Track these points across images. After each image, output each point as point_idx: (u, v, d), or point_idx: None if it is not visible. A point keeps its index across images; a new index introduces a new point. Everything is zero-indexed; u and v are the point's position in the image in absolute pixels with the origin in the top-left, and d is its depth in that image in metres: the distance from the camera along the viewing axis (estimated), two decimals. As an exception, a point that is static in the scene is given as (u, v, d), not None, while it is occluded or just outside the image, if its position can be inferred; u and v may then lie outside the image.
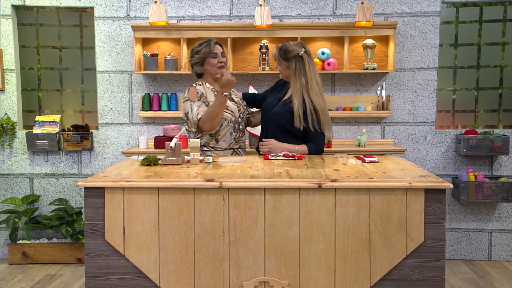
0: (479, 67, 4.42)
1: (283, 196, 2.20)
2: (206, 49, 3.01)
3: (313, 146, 2.99)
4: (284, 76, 3.07)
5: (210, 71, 3.05)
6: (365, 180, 2.19)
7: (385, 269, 2.21)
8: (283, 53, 2.98)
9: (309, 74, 2.96)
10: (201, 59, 3.02)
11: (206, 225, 2.23)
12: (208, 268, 2.24)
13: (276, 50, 3.01)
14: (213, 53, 3.03)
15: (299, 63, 2.96)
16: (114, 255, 2.26)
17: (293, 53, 2.96)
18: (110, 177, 2.28)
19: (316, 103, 2.94)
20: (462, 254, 4.34)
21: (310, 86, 2.95)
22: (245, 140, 3.22)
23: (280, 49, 3.00)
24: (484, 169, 4.31)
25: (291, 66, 2.97)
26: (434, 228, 2.19)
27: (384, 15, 4.27)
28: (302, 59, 2.96)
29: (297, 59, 2.96)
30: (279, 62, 3.02)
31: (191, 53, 3.09)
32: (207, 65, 3.03)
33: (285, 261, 2.22)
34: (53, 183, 4.46)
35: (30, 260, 4.22)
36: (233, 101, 3.11)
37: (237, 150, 3.10)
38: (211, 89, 3.06)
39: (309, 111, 2.92)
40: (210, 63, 3.03)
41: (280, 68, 3.04)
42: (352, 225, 2.20)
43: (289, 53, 2.97)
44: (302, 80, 2.95)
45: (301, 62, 2.96)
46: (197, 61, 3.03)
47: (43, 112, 4.61)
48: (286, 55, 2.97)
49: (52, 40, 4.56)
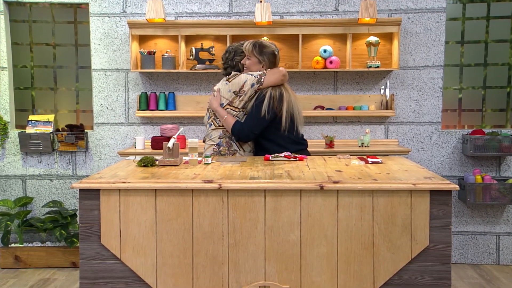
0: (486, 65, 4.43)
1: (284, 198, 2.20)
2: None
3: (238, 124, 3.05)
4: (250, 71, 3.17)
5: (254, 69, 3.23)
6: (369, 182, 2.20)
7: (389, 273, 2.21)
8: (258, 48, 3.14)
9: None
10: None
11: (204, 228, 2.23)
12: (207, 272, 2.24)
13: (251, 44, 3.16)
14: None
15: (272, 60, 3.17)
16: (110, 259, 2.27)
17: (269, 49, 3.16)
18: (106, 179, 2.29)
19: (283, 92, 3.08)
20: (469, 258, 4.35)
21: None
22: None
23: (255, 43, 3.16)
24: (492, 170, 4.31)
25: (263, 61, 3.14)
26: (439, 231, 2.20)
27: (388, 11, 4.28)
28: (275, 58, 3.18)
29: (271, 55, 3.16)
30: (251, 55, 3.15)
31: (232, 53, 3.24)
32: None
33: (286, 265, 2.22)
34: (46, 185, 4.47)
35: (22, 264, 4.22)
36: None
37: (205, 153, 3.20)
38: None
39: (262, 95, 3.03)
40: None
41: (249, 62, 3.17)
42: (355, 228, 2.20)
43: (265, 48, 3.15)
44: None
45: (273, 60, 3.17)
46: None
47: (37, 111, 4.62)
48: (261, 50, 3.14)
49: (46, 37, 4.57)
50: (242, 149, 3.13)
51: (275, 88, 3.07)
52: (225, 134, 3.11)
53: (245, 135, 3.05)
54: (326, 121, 4.38)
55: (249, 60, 3.16)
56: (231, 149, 3.10)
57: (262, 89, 3.07)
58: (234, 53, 3.25)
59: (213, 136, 3.14)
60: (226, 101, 3.09)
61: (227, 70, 3.27)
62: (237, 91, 3.06)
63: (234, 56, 3.24)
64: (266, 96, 3.02)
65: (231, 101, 3.08)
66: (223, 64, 3.29)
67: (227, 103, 3.08)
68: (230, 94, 3.08)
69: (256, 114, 3.01)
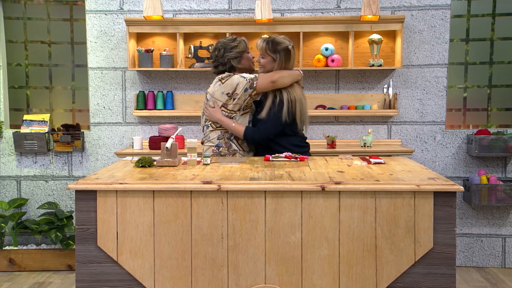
0: (492, 63, 4.43)
1: (285, 199, 2.21)
2: (243, 45, 3.21)
3: (250, 129, 3.03)
4: (266, 70, 3.13)
5: (246, 65, 3.24)
6: (371, 183, 2.20)
7: (392, 277, 2.22)
8: (271, 45, 3.07)
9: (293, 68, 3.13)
10: (240, 53, 3.20)
11: (203, 230, 2.23)
12: (206, 275, 2.25)
13: (263, 41, 3.10)
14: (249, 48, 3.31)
15: (287, 57, 3.09)
16: (107, 262, 2.27)
17: (282, 45, 3.07)
18: (102, 179, 2.29)
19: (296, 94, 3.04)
20: (474, 261, 4.35)
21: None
22: None
23: (268, 41, 3.09)
24: (497, 171, 4.32)
25: (277, 58, 3.07)
26: (444, 233, 2.20)
27: (391, 8, 4.28)
28: (289, 53, 3.09)
29: (285, 52, 3.07)
30: (265, 54, 3.10)
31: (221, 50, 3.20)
32: (244, 59, 3.23)
33: (287, 268, 2.23)
34: (42, 186, 4.47)
35: (17, 268, 4.23)
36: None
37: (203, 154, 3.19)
38: None
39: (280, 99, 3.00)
40: (247, 58, 3.25)
41: (263, 61, 3.12)
42: (357, 230, 2.21)
43: (278, 45, 3.07)
44: None
45: (288, 55, 3.09)
46: (236, 56, 3.19)
47: (32, 111, 4.62)
48: (275, 47, 3.07)
49: (41, 35, 4.57)
50: (242, 149, 3.13)
51: (290, 91, 3.03)
52: (223, 135, 3.11)
53: (260, 139, 3.02)
54: (327, 121, 4.38)
55: (263, 59, 3.12)
56: (231, 149, 3.10)
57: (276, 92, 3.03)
58: (224, 50, 3.18)
59: (211, 138, 3.14)
60: (220, 103, 3.07)
61: (219, 68, 3.21)
62: (230, 93, 3.04)
63: (224, 53, 3.17)
64: (284, 100, 2.99)
65: (225, 103, 3.06)
66: (213, 62, 3.24)
67: (221, 105, 3.07)
68: (223, 96, 3.05)
69: (275, 119, 2.98)
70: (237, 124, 3.04)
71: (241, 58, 3.21)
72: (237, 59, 3.19)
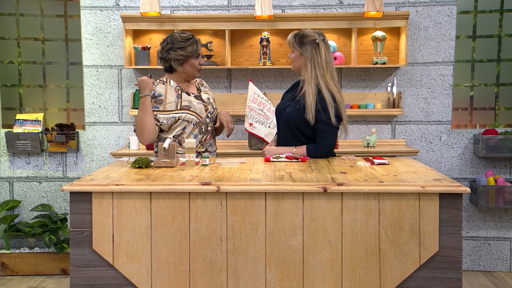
0: (499, 61, 4.44)
1: (286, 201, 2.21)
2: (192, 48, 2.96)
3: (312, 148, 2.94)
4: (295, 67, 3.05)
5: (188, 72, 3.01)
6: (375, 184, 2.21)
7: (397, 281, 2.22)
8: (298, 38, 2.99)
9: (325, 65, 2.95)
10: (185, 57, 2.96)
11: (202, 233, 2.24)
12: (205, 279, 2.25)
13: (292, 35, 3.02)
14: (198, 53, 3.01)
15: (315, 50, 2.96)
16: (102, 266, 2.28)
17: (309, 38, 2.97)
18: (98, 181, 2.30)
19: (335, 94, 2.93)
20: (481, 265, 4.36)
21: (325, 76, 2.94)
22: (214, 142, 3.17)
23: (295, 34, 3.01)
24: (505, 172, 4.32)
25: (305, 52, 2.96)
26: (449, 236, 2.20)
27: (396, 4, 4.29)
28: (318, 47, 2.95)
29: (313, 45, 2.96)
30: (292, 48, 3.02)
31: (169, 44, 2.97)
32: (188, 65, 2.99)
33: (288, 272, 2.23)
34: (35, 187, 4.48)
35: (9, 272, 4.23)
36: (201, 100, 3.06)
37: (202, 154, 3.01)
38: (175, 86, 3.01)
39: (323, 101, 2.89)
40: (192, 64, 3.00)
41: (293, 55, 3.03)
42: (361, 233, 2.21)
43: (305, 38, 2.97)
44: (316, 70, 2.94)
45: (317, 49, 2.95)
46: (179, 58, 2.95)
47: (25, 110, 4.63)
48: (301, 40, 2.98)
49: (34, 32, 4.58)
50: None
51: (328, 91, 2.92)
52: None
53: (328, 151, 2.96)
54: (330, 120, 4.38)
55: (293, 53, 3.03)
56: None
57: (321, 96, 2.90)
58: (170, 46, 2.94)
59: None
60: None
61: (162, 62, 3.00)
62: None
63: (170, 50, 2.94)
64: (328, 104, 2.89)
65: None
66: (158, 52, 3.02)
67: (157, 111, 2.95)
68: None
69: (331, 128, 2.93)
70: (297, 148, 2.96)
71: (185, 62, 2.96)
72: (179, 61, 2.95)
